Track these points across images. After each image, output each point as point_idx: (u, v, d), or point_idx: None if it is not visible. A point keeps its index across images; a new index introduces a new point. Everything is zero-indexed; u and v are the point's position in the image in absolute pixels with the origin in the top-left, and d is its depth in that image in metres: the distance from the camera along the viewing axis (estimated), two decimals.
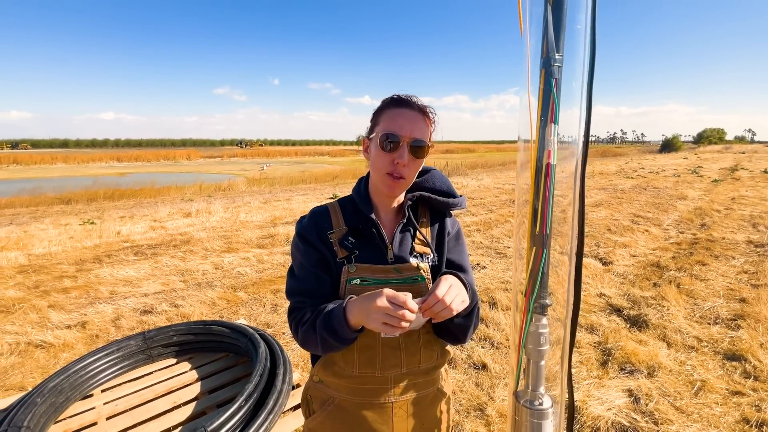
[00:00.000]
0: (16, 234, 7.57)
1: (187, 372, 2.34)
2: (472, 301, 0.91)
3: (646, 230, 6.52)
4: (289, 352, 2.75)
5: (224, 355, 2.52)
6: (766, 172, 15.85)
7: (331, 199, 10.76)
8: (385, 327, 0.76)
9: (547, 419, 0.74)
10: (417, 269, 0.95)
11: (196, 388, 2.19)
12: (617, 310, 3.61)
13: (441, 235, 1.03)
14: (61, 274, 4.95)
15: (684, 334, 3.14)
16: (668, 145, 61.11)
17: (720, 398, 2.39)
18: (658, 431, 2.13)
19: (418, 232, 1.00)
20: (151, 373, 2.33)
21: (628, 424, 2.17)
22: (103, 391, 2.18)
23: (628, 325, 3.32)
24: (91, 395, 2.14)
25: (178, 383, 2.23)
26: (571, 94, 0.69)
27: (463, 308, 0.83)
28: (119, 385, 2.23)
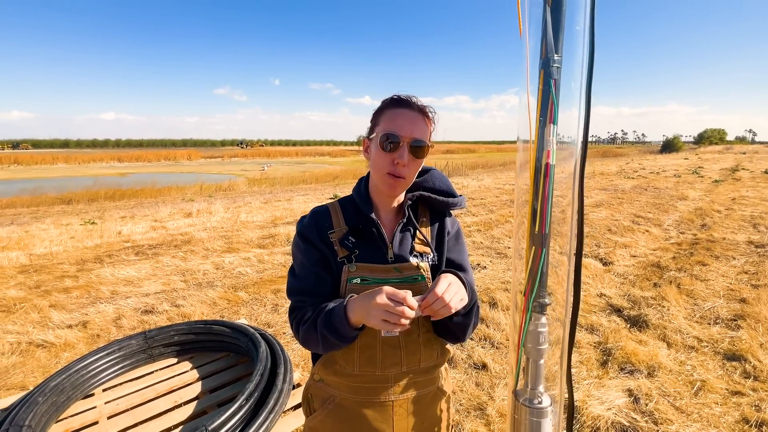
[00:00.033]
0: (18, 234, 7.59)
1: (188, 371, 2.35)
2: (471, 299, 0.91)
3: (647, 230, 6.51)
4: (289, 352, 2.76)
5: (225, 355, 2.53)
6: (767, 173, 15.84)
7: (331, 199, 10.76)
8: (385, 324, 0.76)
9: (546, 417, 0.75)
10: (417, 268, 0.96)
11: (197, 388, 2.20)
12: (617, 310, 3.61)
13: (441, 235, 1.04)
14: (63, 274, 4.96)
15: (684, 334, 3.14)
16: (669, 146, 61.12)
17: (720, 398, 2.39)
18: (657, 431, 2.14)
19: (418, 232, 1.00)
20: (152, 373, 2.34)
21: (627, 424, 2.17)
22: (105, 390, 2.18)
23: (628, 325, 3.32)
24: (93, 394, 2.15)
25: (179, 382, 2.24)
26: (570, 95, 0.69)
27: (462, 306, 0.84)
28: (120, 384, 2.24)
